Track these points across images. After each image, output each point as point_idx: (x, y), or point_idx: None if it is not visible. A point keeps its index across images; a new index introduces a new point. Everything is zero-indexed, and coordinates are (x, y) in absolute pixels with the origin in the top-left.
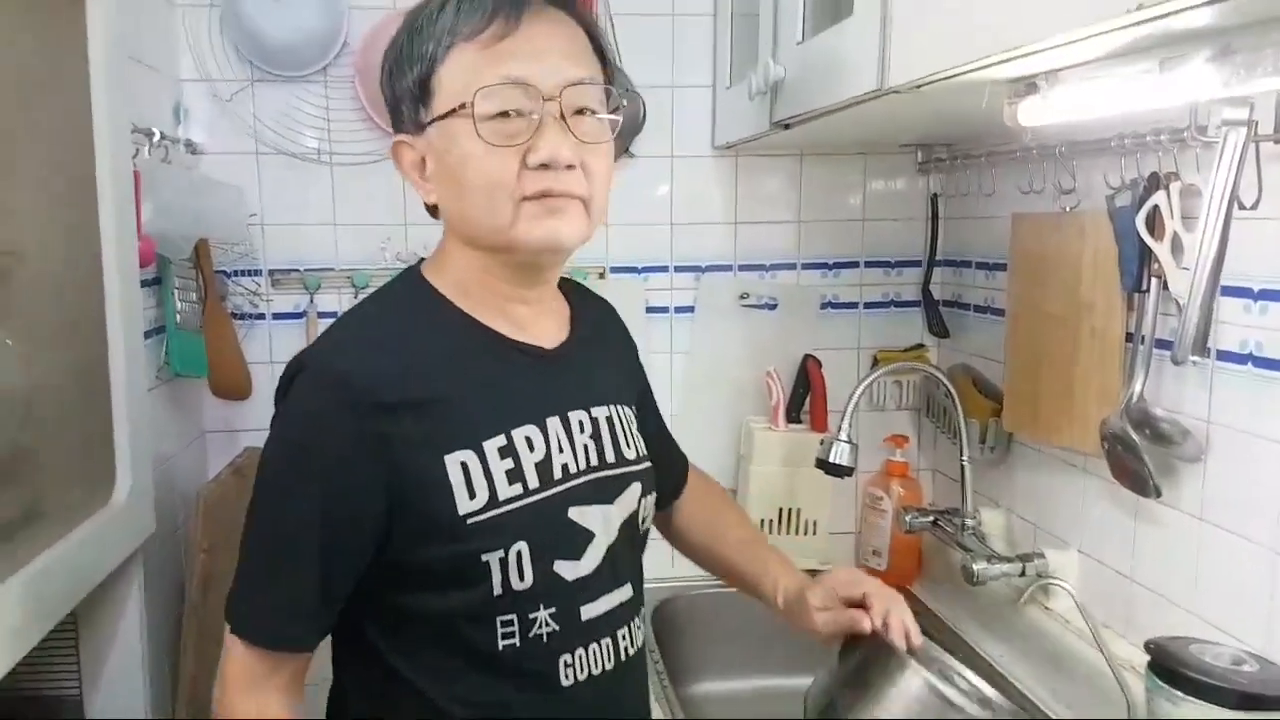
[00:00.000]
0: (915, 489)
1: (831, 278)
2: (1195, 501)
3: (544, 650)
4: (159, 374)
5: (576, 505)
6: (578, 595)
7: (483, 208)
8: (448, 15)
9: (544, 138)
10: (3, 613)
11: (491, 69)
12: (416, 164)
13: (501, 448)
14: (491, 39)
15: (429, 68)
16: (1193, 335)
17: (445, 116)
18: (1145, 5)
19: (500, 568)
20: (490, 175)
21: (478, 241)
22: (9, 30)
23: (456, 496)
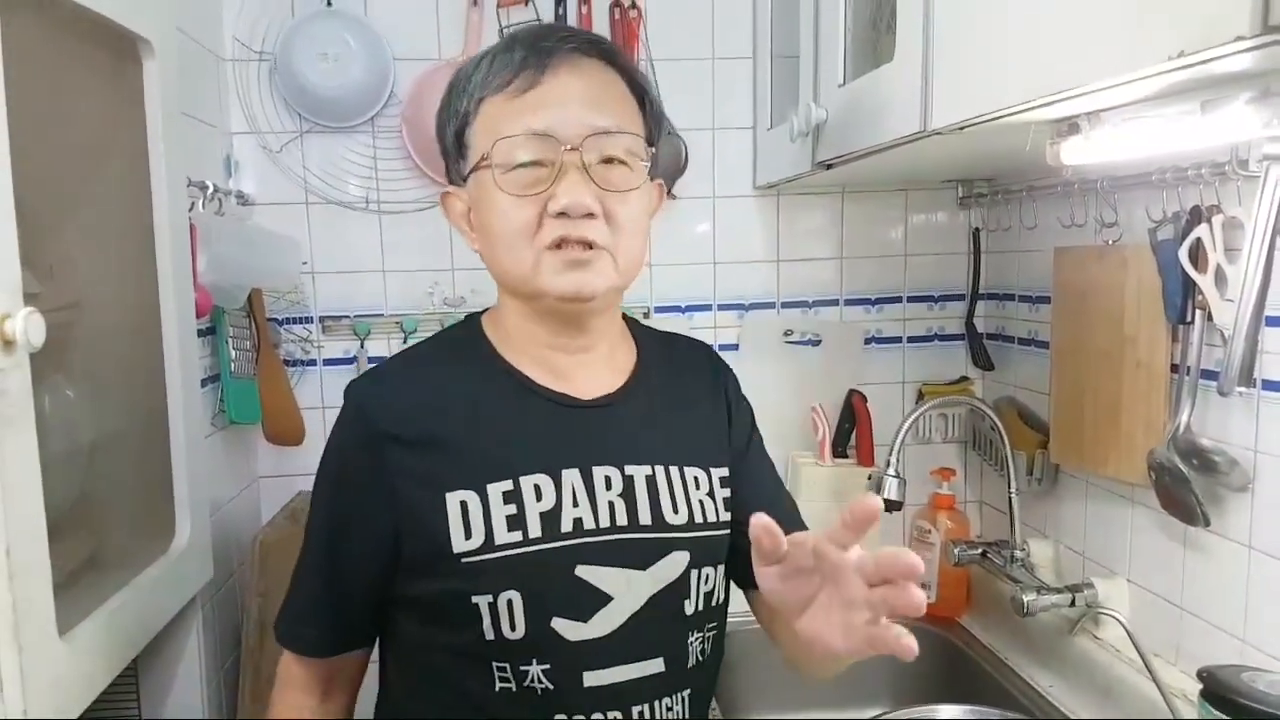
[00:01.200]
0: (962, 521)
1: (875, 313)
2: (1244, 530)
3: (539, 703)
4: (214, 421)
5: (587, 564)
6: (581, 659)
7: (510, 257)
8: (481, 71)
9: (562, 186)
10: (71, 660)
11: (513, 121)
12: (464, 214)
13: (506, 492)
14: (517, 91)
15: (464, 122)
16: (1238, 366)
17: (476, 169)
18: (1186, 52)
19: (490, 612)
20: (512, 224)
21: (512, 290)
22: (74, 92)
23: (453, 534)
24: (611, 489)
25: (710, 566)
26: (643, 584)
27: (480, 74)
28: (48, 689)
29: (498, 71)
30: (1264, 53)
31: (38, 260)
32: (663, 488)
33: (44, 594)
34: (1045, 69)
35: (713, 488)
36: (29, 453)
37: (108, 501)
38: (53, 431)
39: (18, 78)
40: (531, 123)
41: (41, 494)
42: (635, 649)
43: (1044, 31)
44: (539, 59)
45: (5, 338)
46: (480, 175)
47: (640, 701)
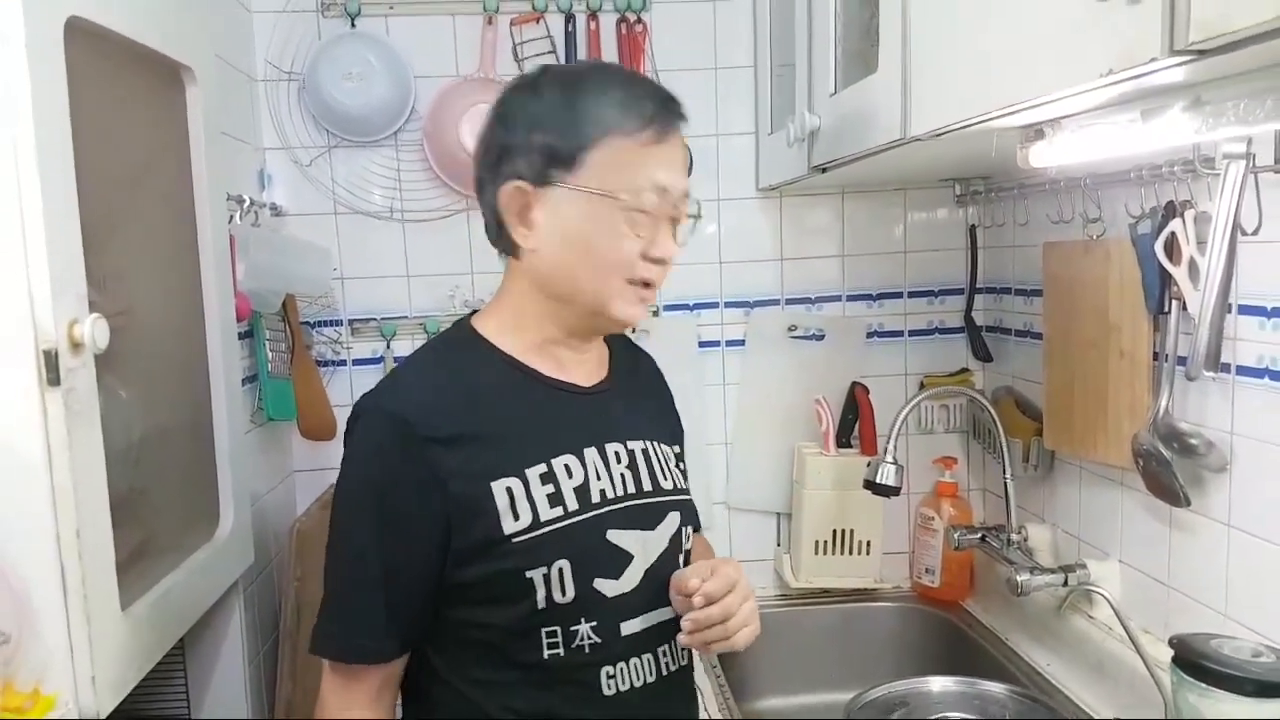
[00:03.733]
0: (965, 508)
1: (876, 308)
2: (1223, 509)
3: (586, 661)
4: (253, 418)
5: (614, 528)
6: (618, 612)
7: (594, 277)
8: (611, 105)
9: (663, 236)
10: (131, 633)
11: (644, 171)
12: (522, 209)
13: (543, 474)
14: (649, 141)
15: (582, 142)
16: (1204, 353)
17: (589, 192)
18: (1114, 70)
19: (544, 583)
20: (615, 256)
21: (565, 297)
22: (122, 114)
23: (502, 518)
24: (620, 462)
25: (689, 526)
26: (652, 542)
27: (611, 108)
28: (111, 658)
29: (629, 114)
30: (1190, 68)
31: (92, 271)
32: (654, 460)
33: (108, 572)
34: (1004, 83)
35: (677, 462)
36: (95, 444)
37: (158, 492)
38: (108, 429)
39: (76, 105)
40: (657, 176)
41: (106, 482)
42: (653, 599)
43: (1002, 49)
44: (666, 118)
45: (74, 340)
46: (593, 199)
47: (661, 644)
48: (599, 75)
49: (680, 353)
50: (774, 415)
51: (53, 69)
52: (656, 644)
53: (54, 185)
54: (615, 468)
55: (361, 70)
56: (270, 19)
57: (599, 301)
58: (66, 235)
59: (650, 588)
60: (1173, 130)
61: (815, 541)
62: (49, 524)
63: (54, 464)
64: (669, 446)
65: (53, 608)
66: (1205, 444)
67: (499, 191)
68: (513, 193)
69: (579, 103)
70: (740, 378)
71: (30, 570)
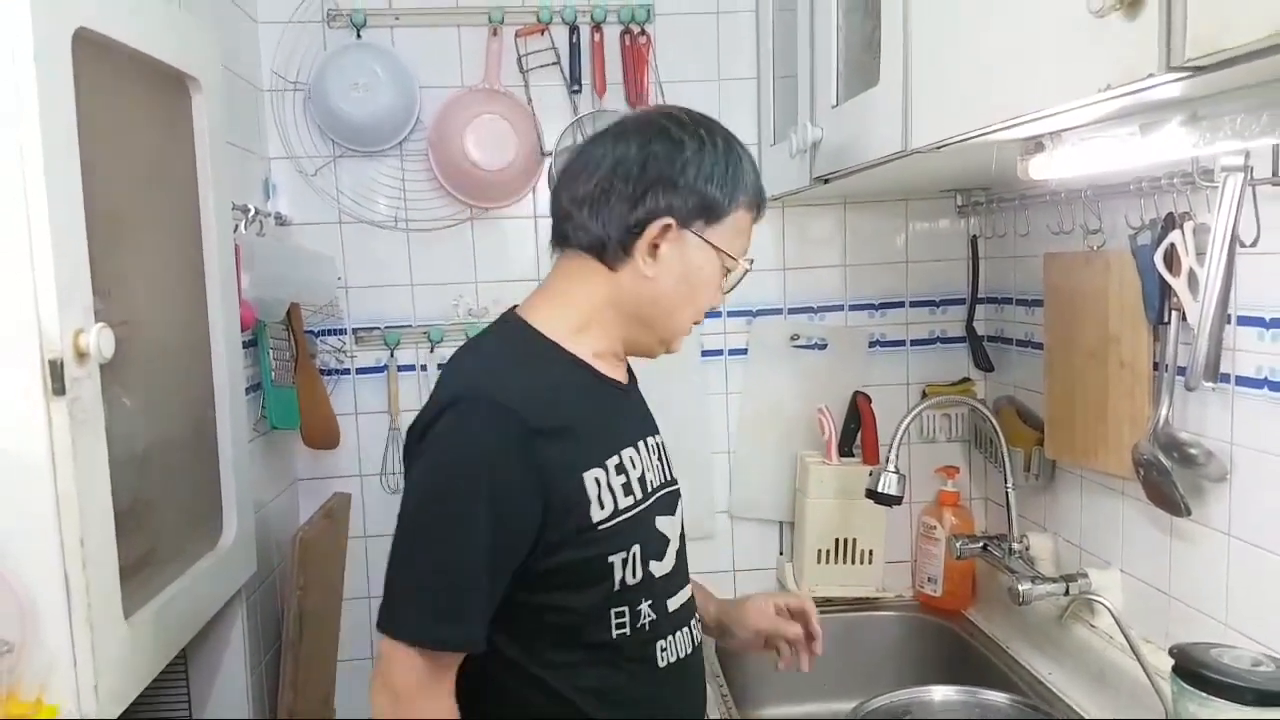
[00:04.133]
0: (967, 517)
1: (878, 317)
2: (1223, 518)
3: (646, 637)
4: (256, 427)
5: (659, 515)
6: (665, 590)
7: (683, 314)
8: (751, 182)
9: (722, 293)
10: (133, 642)
11: (746, 239)
12: (657, 242)
13: (616, 465)
14: (756, 218)
15: (731, 207)
16: (1203, 363)
17: (715, 247)
18: (1113, 85)
19: (622, 566)
20: (705, 301)
21: (648, 321)
22: (129, 124)
23: (591, 508)
24: (653, 455)
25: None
26: (676, 526)
27: (749, 186)
28: (114, 666)
29: (757, 194)
30: (1187, 83)
31: (98, 280)
32: (664, 452)
33: (112, 581)
34: (1004, 96)
35: None
36: (99, 453)
37: (162, 501)
38: (113, 438)
39: (84, 115)
40: (748, 246)
41: (110, 491)
42: (682, 578)
43: (1002, 63)
44: (764, 204)
45: (80, 350)
46: (714, 255)
47: (691, 617)
48: (741, 148)
49: (683, 361)
50: (776, 424)
51: (61, 79)
52: (689, 618)
53: (60, 194)
54: (651, 458)
55: (367, 81)
56: (276, 29)
57: (672, 332)
58: (72, 244)
59: (680, 568)
60: (1171, 144)
61: (818, 550)
62: (53, 532)
63: (58, 473)
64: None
65: (56, 616)
66: (1205, 454)
67: (649, 219)
68: (659, 229)
69: (736, 171)
70: (743, 387)
71: (34, 578)
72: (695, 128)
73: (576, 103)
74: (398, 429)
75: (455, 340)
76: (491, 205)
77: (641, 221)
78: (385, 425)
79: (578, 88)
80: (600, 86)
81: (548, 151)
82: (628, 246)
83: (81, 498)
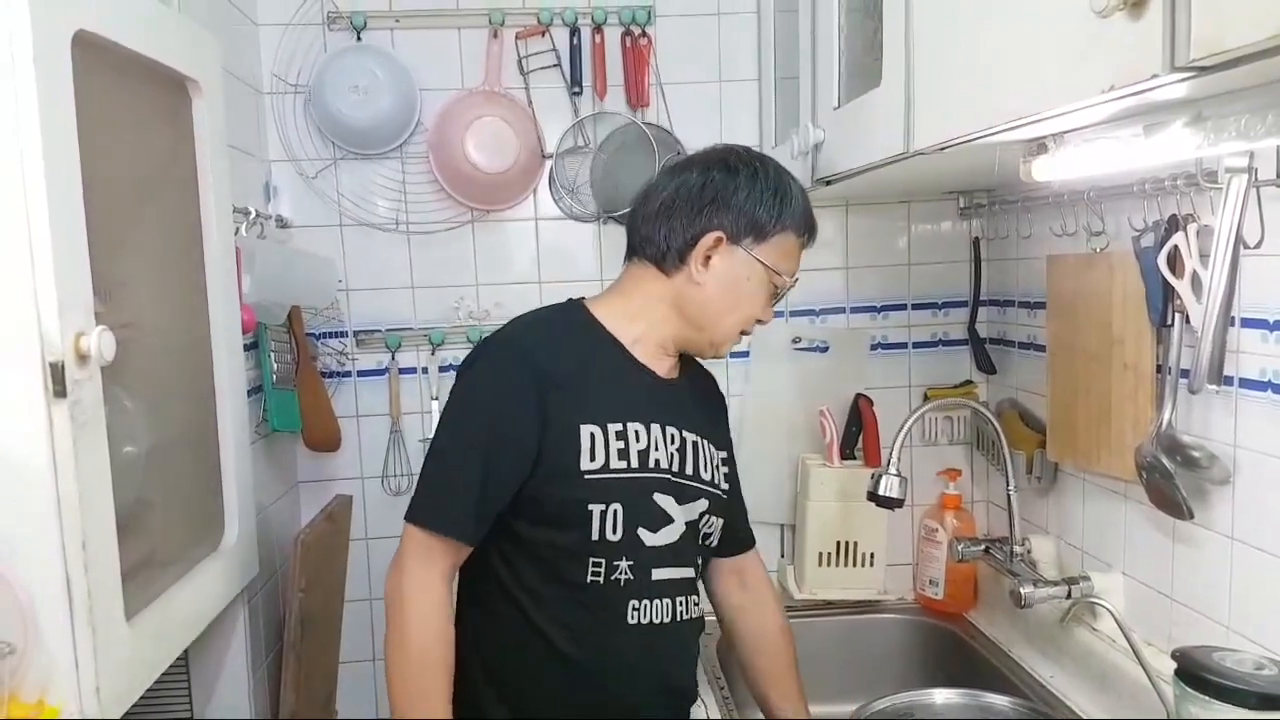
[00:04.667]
0: (969, 520)
1: (880, 320)
2: (1226, 522)
3: (619, 592)
4: (258, 430)
5: (659, 492)
6: (652, 559)
7: (730, 322)
8: (798, 211)
9: (770, 306)
10: (135, 643)
11: (792, 261)
12: (709, 253)
13: (618, 431)
14: (803, 244)
15: (776, 228)
16: (1206, 366)
17: (760, 262)
18: (1116, 86)
19: (600, 518)
20: (750, 312)
21: (697, 324)
22: (131, 127)
23: (582, 456)
24: (674, 444)
25: (714, 516)
26: (682, 515)
27: (796, 214)
28: (116, 668)
29: (803, 223)
30: (1192, 84)
31: (99, 283)
32: (701, 452)
33: (113, 583)
34: (1007, 97)
35: (720, 463)
36: (101, 455)
37: (164, 503)
38: (114, 440)
39: (84, 118)
40: (795, 267)
41: (111, 493)
42: (680, 558)
43: (1005, 64)
44: (815, 233)
45: (81, 352)
46: (763, 270)
47: (680, 594)
48: (796, 183)
49: None
50: (778, 427)
51: (60, 82)
52: (676, 593)
53: (60, 197)
54: (671, 446)
55: (367, 83)
56: (276, 32)
57: (720, 337)
58: (73, 247)
59: (680, 548)
60: (1175, 145)
61: (819, 553)
62: (54, 535)
63: (60, 475)
64: (717, 450)
65: (58, 619)
66: (1208, 457)
67: (703, 233)
68: (712, 241)
69: (785, 199)
70: (744, 389)
71: (35, 581)
72: (752, 161)
73: (577, 105)
74: (399, 431)
75: (456, 342)
76: (492, 207)
77: (697, 235)
78: (386, 428)
79: (578, 90)
80: (601, 88)
81: (548, 154)
82: (684, 255)
83: (83, 500)
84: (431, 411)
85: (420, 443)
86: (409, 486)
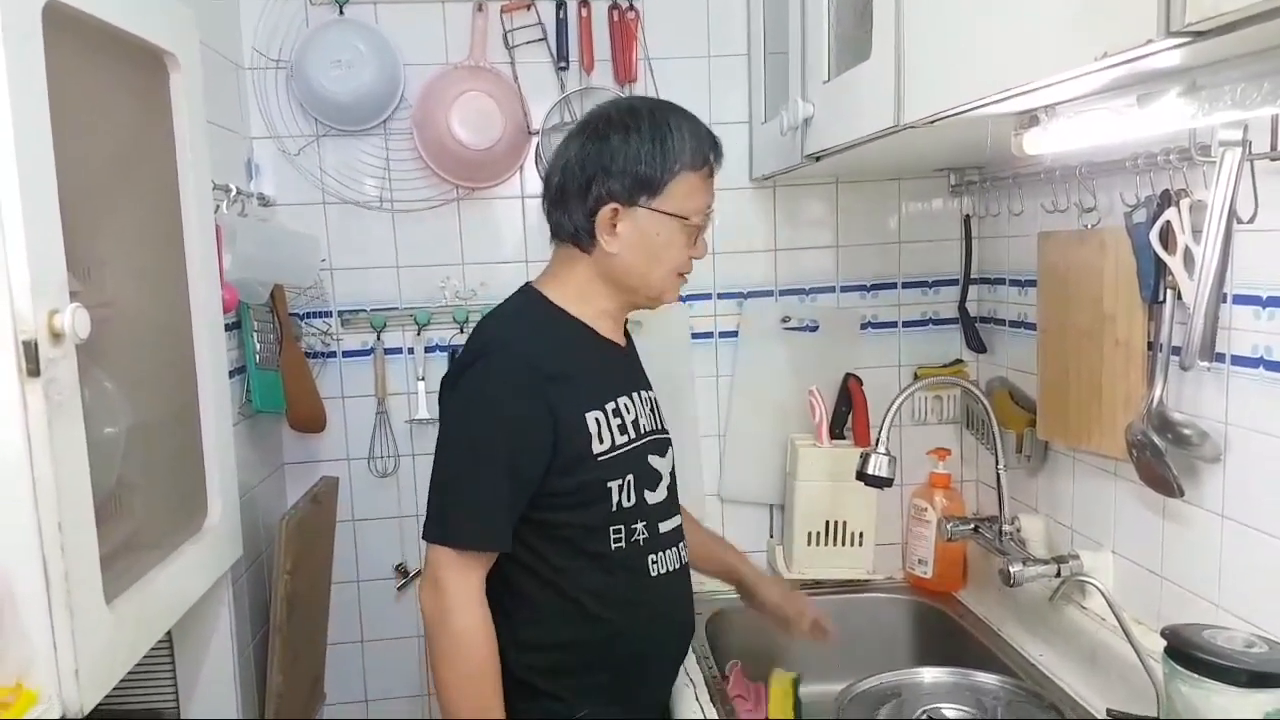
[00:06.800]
0: (958, 499)
1: (870, 299)
2: (1217, 499)
3: (639, 551)
4: (241, 410)
5: (651, 454)
6: (658, 515)
7: (659, 275)
8: (686, 149)
9: (700, 239)
10: (116, 627)
11: (703, 197)
12: (611, 223)
13: (613, 410)
14: (705, 176)
15: (666, 177)
16: (1198, 342)
17: (666, 214)
18: (1109, 53)
19: (619, 491)
20: (676, 260)
21: (631, 288)
22: (107, 104)
23: (593, 441)
24: (646, 405)
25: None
26: (666, 467)
27: (685, 151)
28: (95, 651)
29: (697, 156)
30: (1187, 50)
31: (75, 261)
32: (655, 406)
33: (92, 566)
34: (998, 68)
35: None
36: (77, 436)
37: (145, 485)
38: (93, 421)
39: (56, 93)
40: (707, 201)
41: (89, 475)
42: (672, 509)
43: (996, 34)
44: (717, 158)
45: (55, 330)
46: (669, 220)
47: (680, 540)
48: (676, 120)
49: (673, 344)
50: (767, 407)
51: (31, 55)
52: (677, 540)
53: (32, 174)
54: (643, 407)
55: (350, 58)
56: (257, 5)
57: (656, 292)
58: (45, 224)
59: (671, 499)
60: (1169, 115)
61: (808, 533)
62: (30, 517)
63: (35, 456)
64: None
65: (35, 602)
66: (1199, 434)
67: (598, 210)
68: (609, 213)
69: (664, 146)
70: (733, 369)
71: (12, 564)
72: (623, 119)
73: (564, 80)
74: (385, 412)
75: (443, 323)
76: (478, 185)
77: (592, 211)
78: (372, 409)
79: (565, 65)
80: (588, 63)
81: (535, 130)
82: (591, 232)
83: (59, 481)
84: (418, 392)
85: (406, 424)
86: (395, 468)
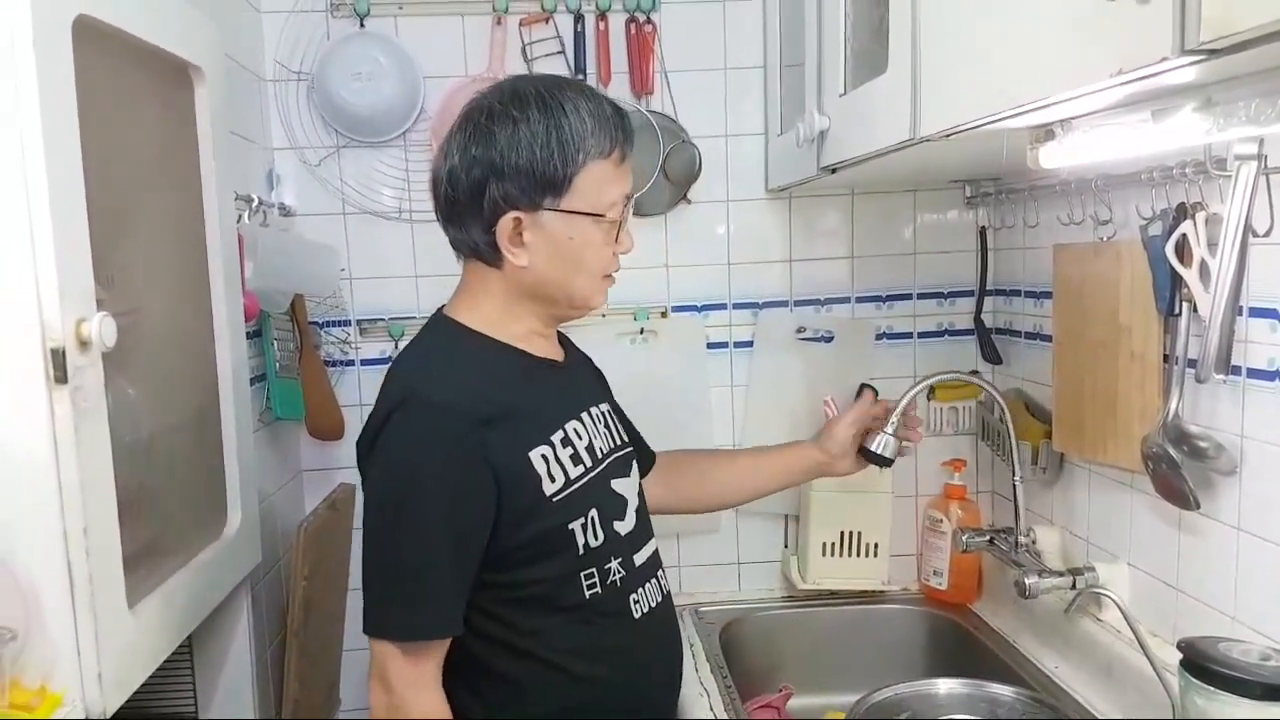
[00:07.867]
0: (974, 511)
1: (886, 309)
2: (1233, 512)
3: (618, 593)
4: (261, 418)
5: (614, 478)
6: (630, 545)
7: (584, 280)
8: (588, 133)
9: (624, 233)
10: (138, 630)
11: (617, 187)
12: (515, 233)
13: (562, 439)
14: (616, 160)
15: (570, 171)
16: (1214, 355)
17: (577, 214)
18: (1124, 70)
19: (582, 531)
20: (599, 262)
21: (551, 300)
22: (132, 114)
23: (543, 483)
24: (599, 423)
25: (638, 469)
26: (633, 487)
27: (586, 137)
28: (118, 655)
29: (603, 139)
30: (1201, 67)
31: (101, 270)
32: (610, 419)
33: (115, 570)
34: (1014, 83)
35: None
36: (103, 441)
37: (166, 491)
38: (116, 427)
39: (85, 104)
40: (624, 189)
41: (113, 480)
42: (645, 533)
43: (1012, 49)
44: (628, 137)
45: (82, 338)
46: (580, 220)
47: (657, 568)
48: (571, 100)
49: (688, 354)
50: (782, 417)
51: (61, 68)
52: (655, 570)
53: (61, 184)
54: (598, 426)
55: (370, 70)
56: (279, 19)
57: (583, 298)
58: (74, 234)
59: (641, 523)
60: (1184, 131)
61: (823, 543)
62: (56, 521)
63: (61, 462)
64: (610, 406)
65: (60, 605)
66: (1215, 447)
67: (497, 220)
68: (511, 223)
69: (562, 137)
70: (748, 379)
71: (37, 568)
72: (508, 111)
73: None
74: None
75: None
76: None
77: (490, 224)
78: None
79: (582, 77)
80: (605, 76)
81: None
82: (495, 246)
83: (85, 487)
84: None
85: None
86: None
